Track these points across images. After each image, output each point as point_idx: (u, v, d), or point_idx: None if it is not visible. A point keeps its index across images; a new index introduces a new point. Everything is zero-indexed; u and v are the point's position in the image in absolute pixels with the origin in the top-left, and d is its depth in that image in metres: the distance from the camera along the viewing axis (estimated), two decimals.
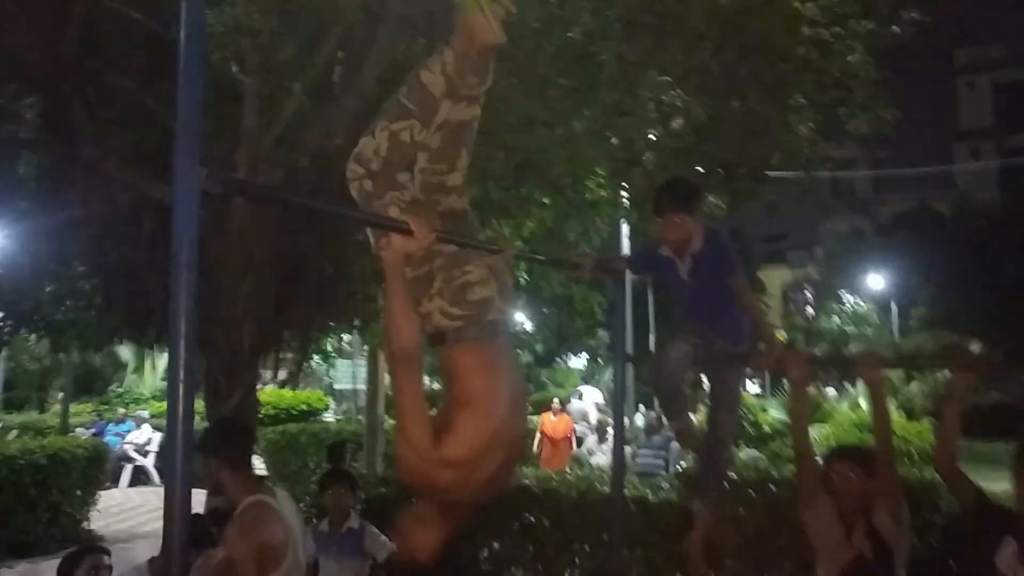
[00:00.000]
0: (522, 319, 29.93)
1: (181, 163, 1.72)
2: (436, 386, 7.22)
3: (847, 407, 16.74)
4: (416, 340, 2.00)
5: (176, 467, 1.66)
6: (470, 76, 2.05)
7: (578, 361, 28.62)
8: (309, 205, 2.75)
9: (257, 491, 3.14)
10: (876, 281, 30.06)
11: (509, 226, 8.84)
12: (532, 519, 6.32)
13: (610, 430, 10.26)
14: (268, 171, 5.56)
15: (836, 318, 30.97)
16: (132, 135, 5.49)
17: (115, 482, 13.38)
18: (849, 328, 30.07)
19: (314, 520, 5.13)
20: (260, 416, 16.48)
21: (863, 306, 30.34)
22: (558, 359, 32.22)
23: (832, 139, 6.79)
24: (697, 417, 6.87)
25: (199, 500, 3.08)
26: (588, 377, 23.02)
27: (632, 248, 11.19)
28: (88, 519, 9.74)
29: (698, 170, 6.17)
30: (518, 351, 2.20)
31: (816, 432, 10.18)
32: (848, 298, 30.97)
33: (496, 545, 6.52)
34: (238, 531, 2.94)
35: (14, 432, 15.09)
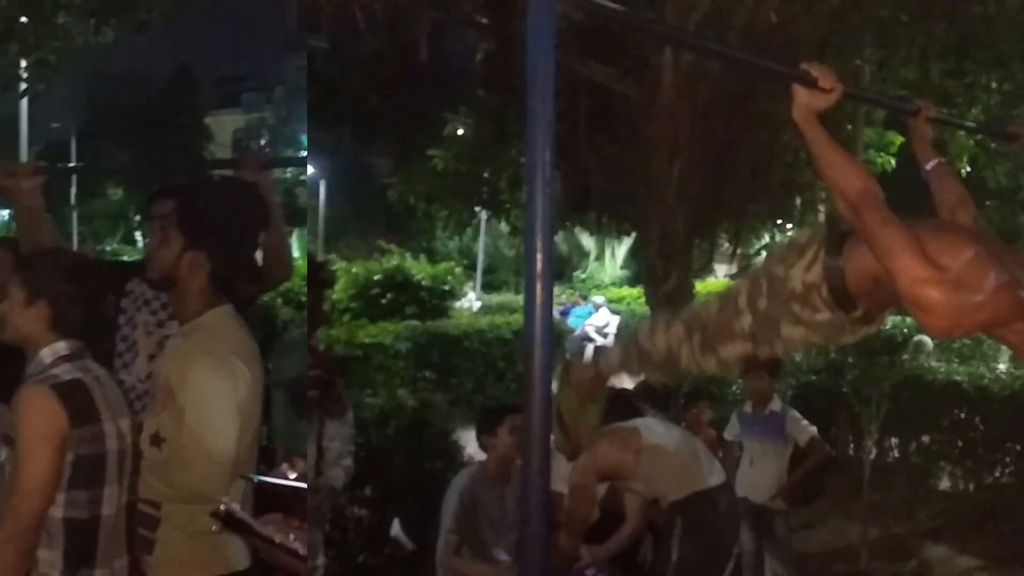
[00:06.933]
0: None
1: None
2: None
3: None
4: (868, 176, 1.86)
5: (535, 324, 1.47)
6: None
7: None
8: (680, 36, 2.39)
9: None
10: None
11: (952, 113, 7.48)
12: (962, 416, 6.51)
13: None
14: None
15: None
16: None
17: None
18: None
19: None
20: None
21: None
22: None
23: None
24: None
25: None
26: None
27: None
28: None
29: None
30: None
31: None
32: None
33: (925, 439, 6.74)
34: None
35: None
